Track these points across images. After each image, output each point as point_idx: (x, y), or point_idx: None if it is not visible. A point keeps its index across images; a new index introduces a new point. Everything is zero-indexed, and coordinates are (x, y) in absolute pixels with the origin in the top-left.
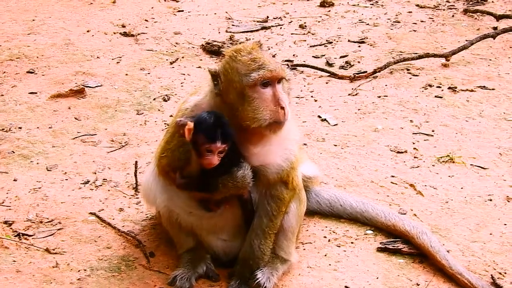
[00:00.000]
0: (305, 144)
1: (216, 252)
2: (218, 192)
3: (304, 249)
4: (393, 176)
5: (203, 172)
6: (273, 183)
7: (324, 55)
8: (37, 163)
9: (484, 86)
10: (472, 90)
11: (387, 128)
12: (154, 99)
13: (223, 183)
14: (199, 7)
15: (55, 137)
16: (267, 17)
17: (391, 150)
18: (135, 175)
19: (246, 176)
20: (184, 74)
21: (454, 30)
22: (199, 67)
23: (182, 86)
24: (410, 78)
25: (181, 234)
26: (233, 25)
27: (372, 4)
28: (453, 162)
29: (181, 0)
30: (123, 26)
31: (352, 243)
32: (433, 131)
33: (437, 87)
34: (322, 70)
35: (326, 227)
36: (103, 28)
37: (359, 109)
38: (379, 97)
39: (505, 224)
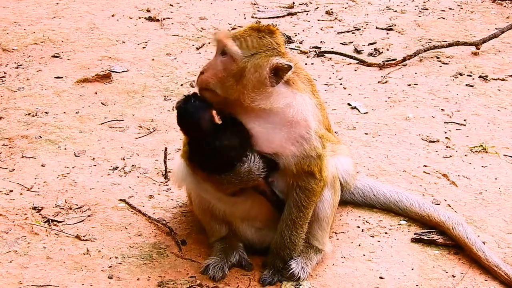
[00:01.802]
0: (336, 132)
1: (250, 240)
2: (225, 188)
3: (337, 239)
4: (425, 166)
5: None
6: (298, 173)
7: (352, 42)
8: (65, 149)
9: None
10: (503, 79)
11: (418, 117)
12: (182, 84)
13: (228, 179)
14: None
15: (82, 122)
16: (293, 3)
17: (423, 139)
18: (165, 162)
19: (252, 170)
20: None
21: (483, 18)
22: None
23: None
24: (440, 66)
25: (213, 222)
26: (258, 10)
27: None
28: (486, 152)
29: None
30: (148, 11)
31: (386, 233)
32: (465, 120)
33: (467, 75)
34: (351, 57)
35: (359, 216)
36: (128, 12)
37: (389, 97)
38: (409, 85)
39: None
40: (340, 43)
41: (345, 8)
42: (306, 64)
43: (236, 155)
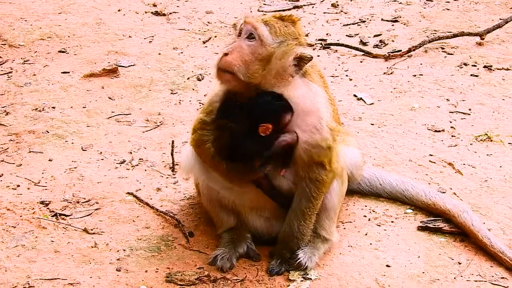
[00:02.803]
0: (342, 123)
1: (258, 230)
2: (230, 179)
3: (344, 228)
4: (431, 155)
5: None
6: (308, 164)
7: (357, 34)
8: (72, 143)
9: None
10: (507, 69)
11: (423, 107)
12: (188, 78)
13: (229, 170)
14: None
15: (89, 117)
16: None
17: (429, 129)
18: (172, 155)
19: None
20: (217, 53)
21: (488, 9)
22: None
23: None
24: (445, 56)
25: (221, 213)
26: (264, 4)
27: None
28: (491, 140)
29: None
30: (154, 5)
31: (392, 222)
32: (470, 109)
33: (472, 65)
34: (357, 49)
35: (366, 206)
36: (134, 7)
37: (394, 88)
38: (415, 76)
39: None
40: (346, 35)
41: (351, 0)
42: None
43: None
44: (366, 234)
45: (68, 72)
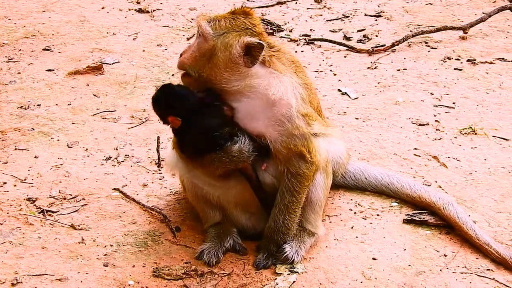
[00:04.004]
0: (327, 118)
1: (244, 225)
2: (215, 168)
3: (330, 222)
4: (416, 149)
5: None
6: (288, 156)
7: (341, 29)
8: (58, 140)
9: (503, 58)
10: (491, 62)
11: (408, 101)
12: (173, 75)
13: (219, 158)
14: None
15: (74, 114)
16: None
17: (413, 123)
18: (158, 151)
19: (242, 151)
20: None
21: (470, 3)
22: None
23: None
24: (429, 51)
25: (207, 208)
26: (248, 0)
27: None
28: (475, 133)
29: None
30: (138, 3)
31: (378, 215)
32: (454, 103)
33: (456, 59)
34: (340, 44)
35: (352, 199)
36: (117, 4)
37: (379, 83)
38: (399, 70)
39: None
40: (330, 31)
41: None
42: (296, 52)
43: (221, 129)
44: (352, 228)
45: (53, 70)
